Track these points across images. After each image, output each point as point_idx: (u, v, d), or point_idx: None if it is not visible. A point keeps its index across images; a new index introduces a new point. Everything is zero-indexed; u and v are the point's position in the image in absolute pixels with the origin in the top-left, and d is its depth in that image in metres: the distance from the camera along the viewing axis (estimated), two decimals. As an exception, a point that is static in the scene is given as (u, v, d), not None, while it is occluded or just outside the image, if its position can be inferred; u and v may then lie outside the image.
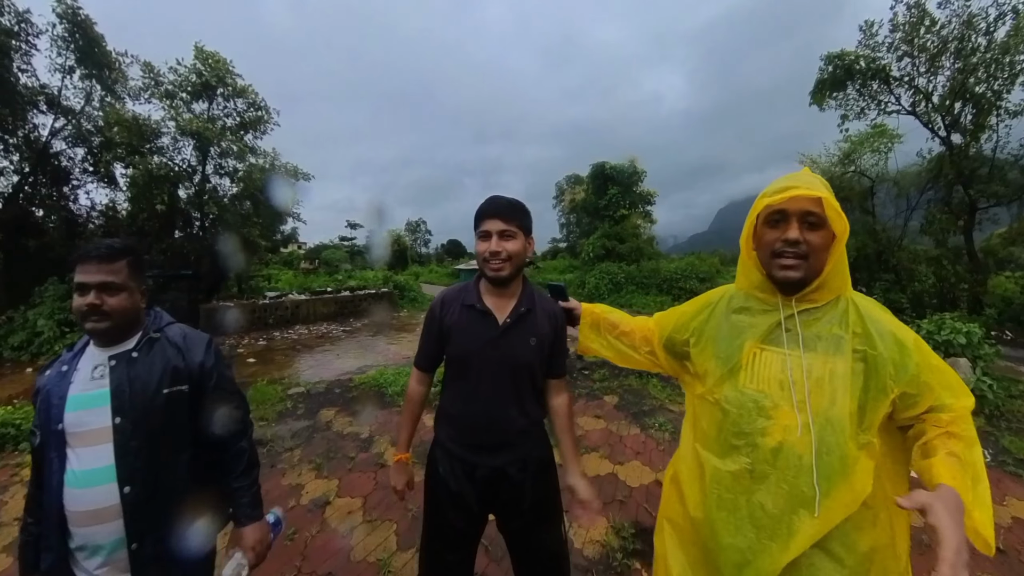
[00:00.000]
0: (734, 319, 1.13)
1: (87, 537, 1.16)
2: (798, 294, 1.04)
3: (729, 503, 1.03)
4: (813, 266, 0.99)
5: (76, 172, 12.19)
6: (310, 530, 2.78)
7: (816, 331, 1.01)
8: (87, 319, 1.19)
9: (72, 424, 1.17)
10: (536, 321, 1.48)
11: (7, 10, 10.22)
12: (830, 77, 12.88)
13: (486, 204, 1.40)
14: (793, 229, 0.97)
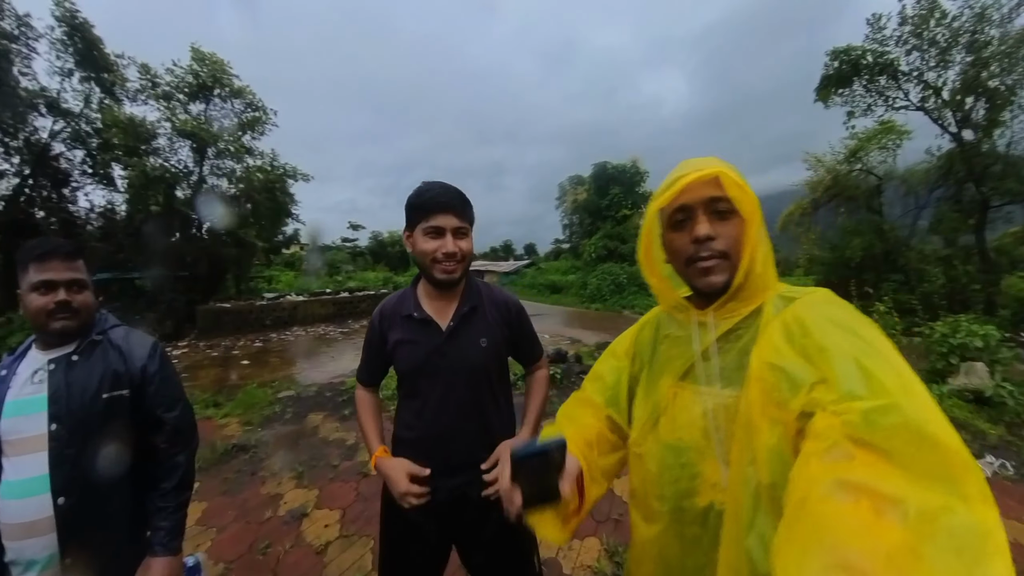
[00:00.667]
0: (660, 351, 0.91)
1: (20, 551, 1.09)
2: (715, 305, 0.80)
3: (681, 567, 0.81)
4: (735, 264, 0.76)
5: (75, 174, 12.25)
6: (284, 544, 2.62)
7: (736, 357, 0.77)
8: (55, 318, 1.16)
9: (8, 431, 1.11)
10: (484, 319, 1.33)
11: (7, 14, 10.29)
12: (836, 73, 12.64)
13: (437, 194, 1.20)
14: (701, 223, 0.75)
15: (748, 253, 0.75)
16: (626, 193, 23.83)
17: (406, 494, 1.20)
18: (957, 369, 4.95)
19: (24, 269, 1.15)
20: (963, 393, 4.66)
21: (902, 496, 0.41)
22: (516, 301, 1.45)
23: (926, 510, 0.40)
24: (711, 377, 0.79)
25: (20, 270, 1.17)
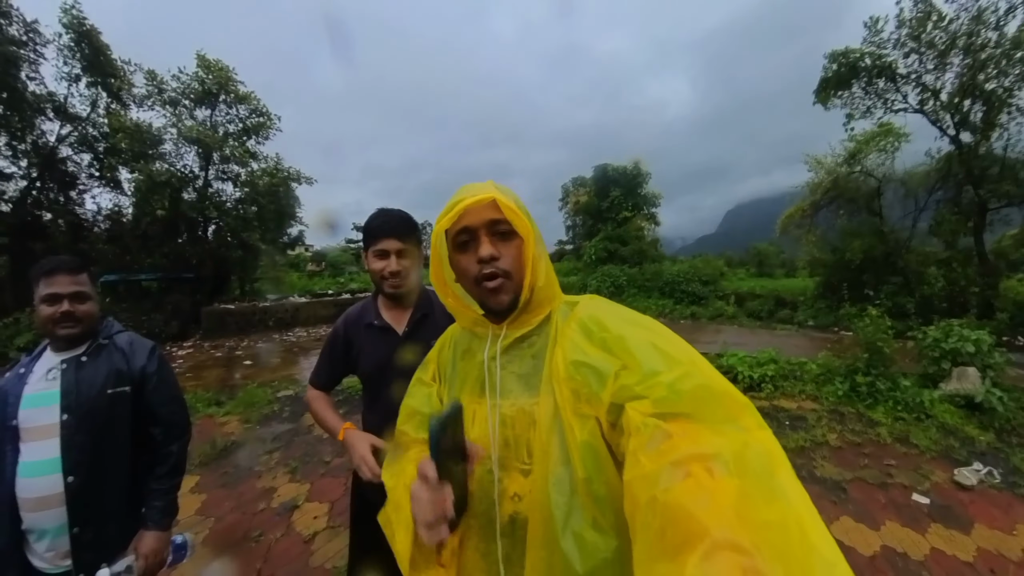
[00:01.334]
0: (459, 368, 0.91)
1: (35, 522, 1.27)
2: (508, 320, 0.83)
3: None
4: (517, 279, 0.79)
5: (82, 177, 12.47)
6: (275, 533, 2.74)
7: (526, 366, 0.81)
8: (60, 326, 1.32)
9: (24, 420, 1.28)
10: (435, 324, 1.44)
11: (15, 20, 10.49)
12: (835, 75, 12.68)
13: (380, 222, 1.40)
14: (484, 244, 0.77)
15: (530, 270, 0.78)
16: (627, 195, 23.89)
17: (363, 459, 1.27)
18: (949, 374, 4.96)
19: (36, 283, 1.32)
20: (954, 398, 4.66)
21: (716, 449, 0.48)
22: None
23: (734, 452, 0.48)
24: (506, 388, 0.80)
25: (33, 284, 1.33)
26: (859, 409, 4.65)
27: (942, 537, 2.66)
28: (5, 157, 11.11)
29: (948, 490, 3.20)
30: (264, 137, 14.18)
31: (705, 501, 0.44)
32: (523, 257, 0.79)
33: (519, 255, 0.78)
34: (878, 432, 4.13)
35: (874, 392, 4.81)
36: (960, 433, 4.12)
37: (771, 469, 0.47)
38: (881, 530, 2.74)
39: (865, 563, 2.47)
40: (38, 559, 1.28)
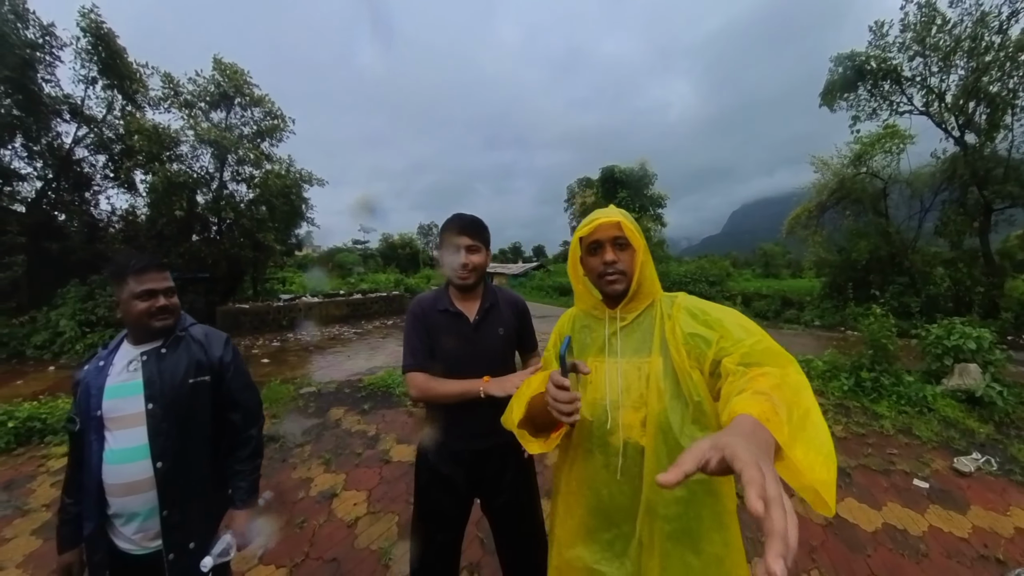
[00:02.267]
0: (579, 337, 1.29)
1: (123, 506, 1.33)
2: (620, 305, 1.20)
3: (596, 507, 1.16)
4: (630, 276, 1.15)
5: (97, 178, 12.63)
6: (318, 519, 2.91)
7: (638, 336, 1.17)
8: (156, 318, 1.39)
9: (109, 410, 1.33)
10: (500, 313, 1.70)
11: (32, 24, 10.65)
12: (840, 78, 12.84)
13: (455, 222, 1.59)
14: (608, 252, 1.14)
15: (638, 271, 1.14)
16: (634, 196, 24.00)
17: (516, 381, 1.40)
18: (951, 370, 5.13)
19: (123, 281, 1.35)
20: (956, 393, 4.84)
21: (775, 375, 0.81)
22: (522, 300, 1.84)
23: (782, 377, 0.80)
24: (623, 350, 1.17)
25: (117, 282, 1.37)
26: (864, 403, 4.84)
27: (940, 517, 2.86)
28: (21, 158, 11.26)
29: (947, 476, 3.38)
30: (278, 139, 14.42)
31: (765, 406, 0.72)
32: (634, 262, 1.15)
33: (631, 260, 1.15)
34: (882, 424, 4.32)
35: (878, 387, 4.99)
36: (960, 425, 4.29)
37: (799, 388, 0.78)
38: (882, 510, 2.94)
39: (867, 537, 2.68)
40: (124, 541, 1.35)
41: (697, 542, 1.03)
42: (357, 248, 48.52)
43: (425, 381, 1.58)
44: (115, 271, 1.38)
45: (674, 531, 1.04)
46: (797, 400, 0.74)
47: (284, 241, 15.89)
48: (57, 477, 3.65)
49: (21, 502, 3.26)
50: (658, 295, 1.20)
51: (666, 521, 1.04)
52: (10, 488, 3.47)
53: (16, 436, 4.25)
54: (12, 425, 4.28)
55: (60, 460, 3.94)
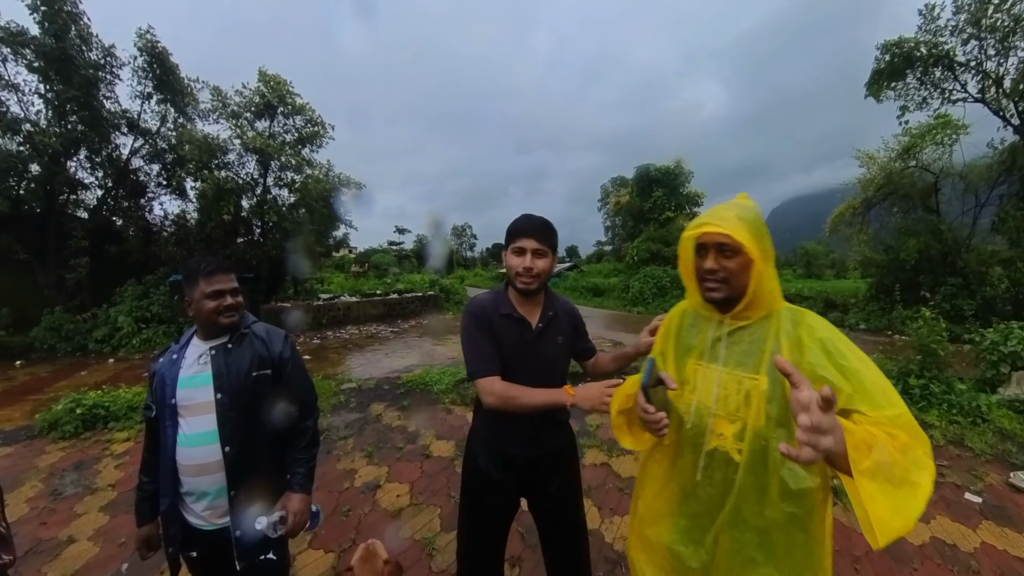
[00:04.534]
0: (684, 336, 1.29)
1: (195, 485, 1.46)
2: (731, 312, 1.17)
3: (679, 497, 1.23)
4: (734, 287, 1.11)
5: (151, 186, 13.45)
6: (363, 509, 3.06)
7: (744, 348, 1.14)
8: (224, 315, 1.50)
9: (182, 399, 1.46)
10: (560, 322, 1.67)
11: (95, 46, 11.48)
12: (887, 66, 12.23)
13: (523, 222, 1.53)
14: (709, 259, 1.12)
15: (754, 281, 1.09)
16: (669, 195, 23.59)
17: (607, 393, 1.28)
18: (1008, 378, 4.85)
19: (194, 282, 1.47)
20: (1014, 403, 4.55)
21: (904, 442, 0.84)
22: (577, 309, 1.82)
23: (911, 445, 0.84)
24: (726, 359, 1.15)
25: (189, 284, 1.48)
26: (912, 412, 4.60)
27: (993, 533, 2.74)
28: (85, 169, 12.12)
29: (1002, 491, 3.22)
30: (318, 145, 14.94)
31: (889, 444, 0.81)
32: (743, 271, 1.10)
33: (738, 269, 1.10)
34: (931, 434, 4.13)
35: (927, 395, 4.74)
36: (1018, 438, 4.06)
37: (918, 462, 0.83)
38: (931, 523, 2.84)
39: (914, 551, 2.60)
40: (195, 517, 1.48)
41: (784, 563, 1.06)
42: (392, 249, 49.53)
43: (505, 389, 1.47)
44: (187, 274, 1.50)
45: (762, 545, 1.07)
46: (905, 465, 0.79)
47: (323, 243, 16.45)
48: (120, 459, 3.97)
49: (89, 481, 3.59)
50: (776, 307, 1.14)
51: (754, 534, 1.08)
52: (79, 469, 3.83)
53: (83, 422, 4.64)
54: (79, 412, 4.67)
55: (123, 444, 4.27)
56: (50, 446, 4.33)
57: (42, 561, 2.61)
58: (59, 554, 2.68)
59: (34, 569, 2.55)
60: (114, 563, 2.58)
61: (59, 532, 2.90)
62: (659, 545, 1.25)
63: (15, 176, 10.63)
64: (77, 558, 2.64)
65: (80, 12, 11.00)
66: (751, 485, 1.07)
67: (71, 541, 2.81)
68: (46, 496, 3.38)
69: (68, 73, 10.66)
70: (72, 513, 3.12)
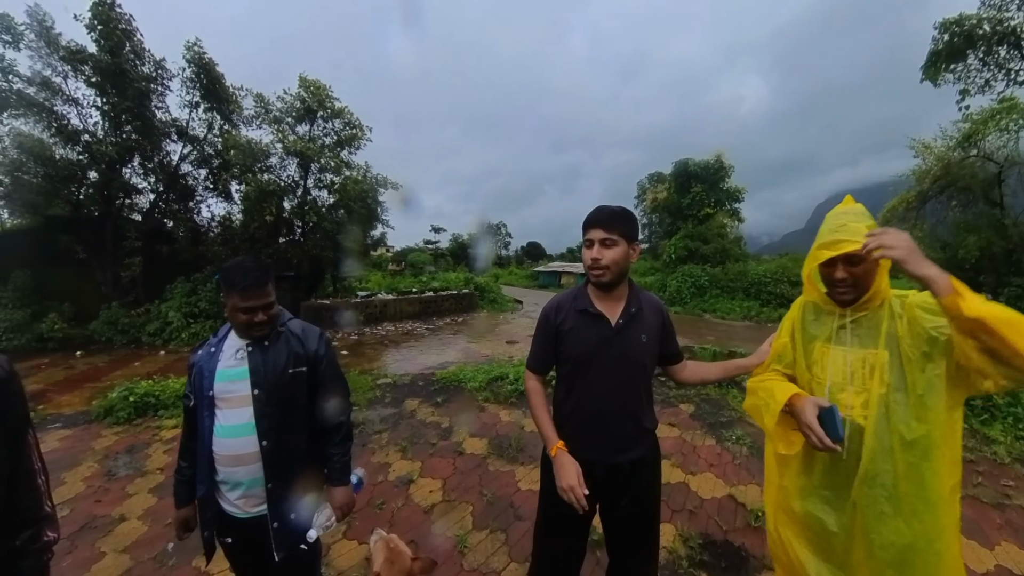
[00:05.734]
0: (809, 327, 1.49)
1: (230, 475, 1.50)
2: (852, 307, 1.37)
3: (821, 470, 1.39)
4: (861, 289, 1.32)
5: (199, 189, 14.15)
6: (396, 502, 3.07)
7: (863, 332, 1.34)
8: (254, 330, 1.51)
9: (220, 392, 1.50)
10: (645, 319, 1.58)
11: (148, 60, 12.23)
12: (946, 47, 11.38)
13: (592, 213, 1.51)
14: (839, 270, 1.31)
15: (877, 282, 1.31)
16: (709, 191, 22.93)
17: (570, 488, 1.39)
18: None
19: (230, 293, 1.47)
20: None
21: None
22: (665, 306, 1.72)
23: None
24: (850, 341, 1.36)
25: (226, 291, 1.48)
26: (973, 424, 4.26)
27: (1064, 563, 2.45)
28: (138, 175, 12.94)
29: (1075, 516, 2.90)
30: (356, 147, 15.41)
31: None
32: (869, 275, 1.30)
33: (865, 274, 1.30)
34: (995, 450, 3.82)
35: (990, 407, 4.38)
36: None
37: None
38: (995, 550, 2.59)
39: (978, 580, 2.36)
40: (229, 505, 1.51)
41: (910, 517, 1.23)
42: (428, 248, 50.30)
43: (532, 393, 1.65)
44: (226, 283, 1.49)
45: (890, 497, 1.24)
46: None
47: (362, 242, 16.88)
48: (169, 445, 4.15)
49: (140, 465, 3.79)
50: (888, 295, 1.34)
51: (883, 489, 1.25)
52: (131, 452, 4.05)
53: (135, 409, 4.91)
54: (132, 400, 4.96)
55: (171, 431, 4.46)
56: (105, 430, 4.61)
57: (96, 536, 2.79)
58: (111, 530, 2.86)
59: (89, 543, 2.72)
60: (160, 542, 2.70)
61: (112, 510, 3.10)
62: (805, 515, 1.42)
63: (75, 183, 11.50)
64: (127, 535, 2.80)
65: (134, 29, 11.75)
66: (877, 446, 1.25)
67: (123, 519, 2.99)
68: (101, 476, 3.62)
69: (123, 86, 11.37)
70: (124, 493, 3.34)
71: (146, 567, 2.50)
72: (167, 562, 2.51)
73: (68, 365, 8.90)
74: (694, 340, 11.20)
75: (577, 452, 1.51)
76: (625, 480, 1.54)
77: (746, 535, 2.69)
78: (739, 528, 2.76)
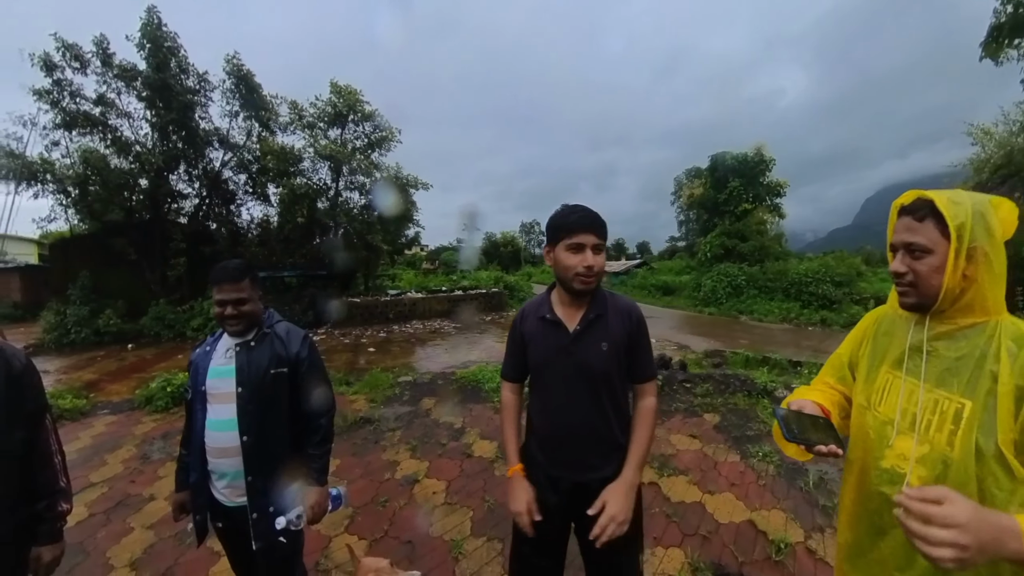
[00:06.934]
0: (879, 342, 1.14)
1: (217, 466, 1.60)
2: (931, 313, 1.00)
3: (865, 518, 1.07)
4: (924, 291, 0.95)
5: (239, 193, 14.95)
6: (399, 501, 3.08)
7: (950, 363, 0.95)
8: (226, 323, 1.61)
9: (211, 387, 1.60)
10: (607, 325, 1.45)
11: (192, 74, 13.03)
12: (1009, 19, 10.24)
13: (578, 216, 1.37)
14: (896, 261, 0.99)
15: (947, 281, 0.91)
16: (747, 185, 22.01)
17: (519, 513, 1.38)
18: None
19: (212, 287, 1.59)
20: None
21: None
22: (638, 310, 1.53)
23: None
24: (926, 373, 0.98)
25: (211, 286, 1.61)
26: None
27: None
28: (183, 181, 13.84)
29: None
30: (386, 149, 15.86)
31: None
32: (939, 273, 0.93)
33: (930, 272, 0.94)
34: None
35: None
36: None
37: None
38: None
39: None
40: (218, 493, 1.61)
41: None
42: (461, 246, 50.93)
43: (504, 407, 1.63)
44: (210, 279, 1.60)
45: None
46: None
47: (393, 242, 17.27)
48: None
49: (172, 450, 4.00)
50: (998, 317, 0.95)
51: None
52: (166, 438, 4.34)
53: (172, 398, 5.25)
54: (170, 390, 5.33)
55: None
56: (145, 417, 4.98)
57: (128, 513, 3.06)
58: (141, 508, 3.11)
59: (121, 519, 2.99)
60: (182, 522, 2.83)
61: (143, 490, 3.37)
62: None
63: (128, 190, 12.42)
64: (155, 514, 3.03)
65: (178, 46, 12.62)
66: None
67: (152, 499, 3.24)
68: (137, 459, 3.93)
69: (169, 99, 12.21)
70: (155, 475, 3.60)
71: (167, 544, 2.69)
72: (185, 540, 2.68)
73: (120, 357, 9.64)
74: (727, 344, 10.83)
75: (544, 468, 1.46)
76: (593, 499, 1.37)
77: (764, 569, 2.39)
78: (757, 560, 2.46)
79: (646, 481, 3.28)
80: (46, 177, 11.50)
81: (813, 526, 2.73)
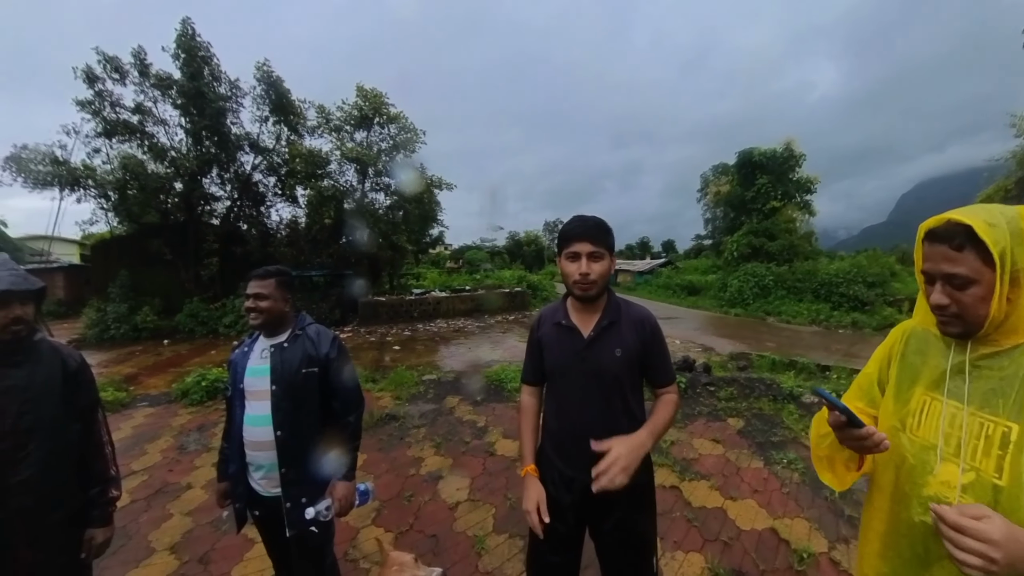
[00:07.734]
0: (910, 360, 1.07)
1: (254, 458, 1.72)
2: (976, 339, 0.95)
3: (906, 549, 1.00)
4: (970, 320, 0.90)
5: (269, 195, 15.43)
6: (424, 497, 3.16)
7: (995, 384, 0.90)
8: (250, 315, 1.74)
9: (248, 385, 1.72)
10: (621, 332, 1.49)
11: (224, 81, 13.52)
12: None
13: (575, 225, 1.44)
14: (937, 293, 0.92)
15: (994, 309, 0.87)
16: (775, 182, 21.27)
17: (529, 512, 1.42)
18: None
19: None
20: None
21: None
22: (653, 319, 1.56)
23: None
24: (965, 395, 0.93)
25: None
26: None
27: None
28: (216, 184, 14.38)
29: None
30: (411, 151, 16.13)
31: None
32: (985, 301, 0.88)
33: (972, 302, 0.89)
34: None
35: None
36: None
37: None
38: None
39: None
40: (255, 484, 1.73)
41: None
42: (485, 246, 51.18)
43: (522, 410, 1.67)
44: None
45: None
46: None
47: (418, 241, 17.56)
48: None
49: (207, 441, 4.26)
50: None
51: None
52: (201, 430, 4.58)
53: (207, 392, 5.51)
54: (204, 384, 5.57)
55: (236, 414, 5.01)
56: (181, 410, 5.22)
57: (167, 500, 3.23)
58: (179, 496, 3.28)
59: (161, 505, 3.16)
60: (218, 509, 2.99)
61: (181, 479, 3.55)
62: None
63: (164, 193, 12.97)
64: (192, 501, 3.19)
65: (211, 55, 13.14)
66: None
67: (189, 487, 3.40)
68: (175, 449, 4.13)
69: (202, 106, 12.73)
70: (192, 465, 3.78)
71: (204, 530, 2.83)
72: (221, 527, 2.81)
73: (157, 352, 10.12)
74: (753, 346, 10.62)
75: (559, 468, 1.51)
76: (607, 500, 1.39)
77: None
78: (779, 569, 2.43)
79: (667, 485, 3.28)
80: (88, 182, 12.19)
81: (838, 536, 2.69)
